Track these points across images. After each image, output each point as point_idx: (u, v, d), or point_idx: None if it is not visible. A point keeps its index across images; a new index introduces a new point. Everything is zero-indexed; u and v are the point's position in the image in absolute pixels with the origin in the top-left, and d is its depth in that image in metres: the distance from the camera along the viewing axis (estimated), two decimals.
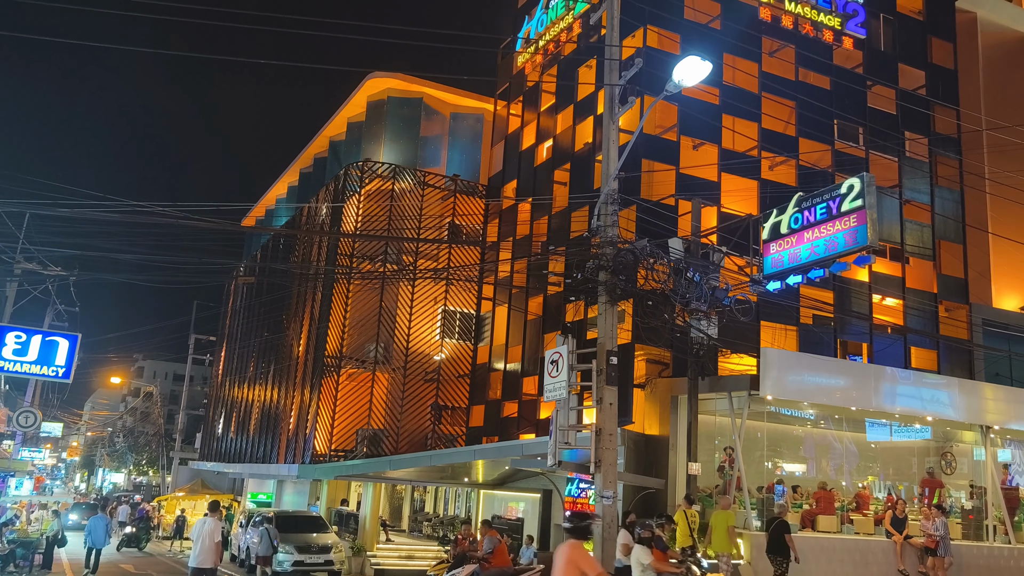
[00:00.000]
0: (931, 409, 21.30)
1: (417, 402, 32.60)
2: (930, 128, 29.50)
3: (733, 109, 25.75)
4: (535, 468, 20.84)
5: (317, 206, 39.32)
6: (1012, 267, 29.52)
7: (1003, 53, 31.90)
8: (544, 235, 28.99)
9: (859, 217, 14.07)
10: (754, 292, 17.35)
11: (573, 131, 28.30)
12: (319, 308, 34.60)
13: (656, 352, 22.71)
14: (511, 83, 33.43)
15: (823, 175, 26.29)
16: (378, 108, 37.04)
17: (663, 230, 20.36)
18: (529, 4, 32.73)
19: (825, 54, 27.81)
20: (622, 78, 14.44)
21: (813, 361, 21.10)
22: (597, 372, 13.51)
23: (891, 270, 27.59)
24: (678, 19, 25.66)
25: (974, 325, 28.17)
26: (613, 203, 14.05)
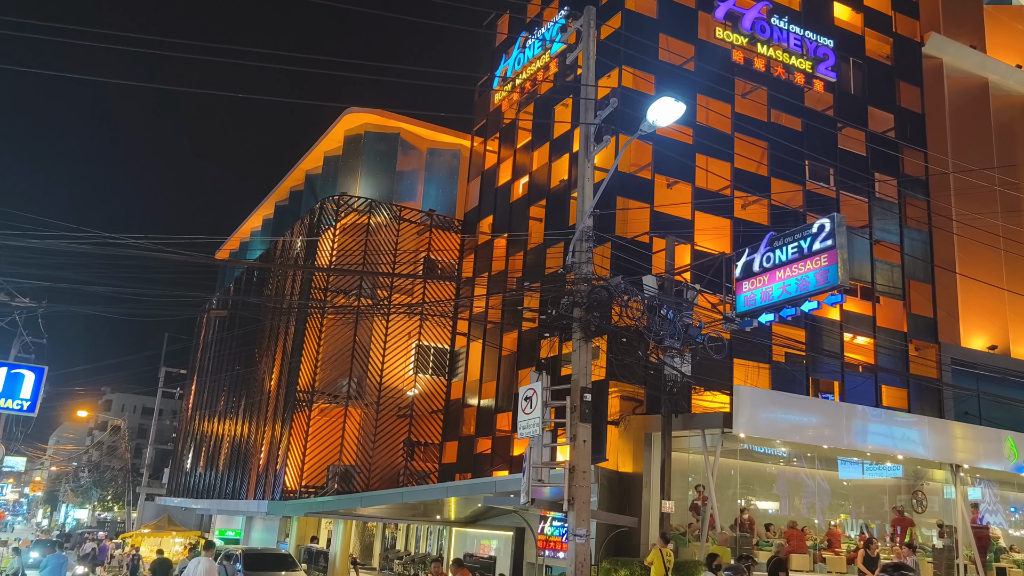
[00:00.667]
0: (902, 447, 21.44)
1: (390, 438, 32.30)
2: (899, 170, 30.06)
3: (706, 149, 26.09)
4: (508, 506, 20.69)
5: (292, 239, 39.19)
6: (979, 307, 29.97)
7: (968, 98, 32.67)
8: (519, 271, 29.06)
9: (830, 257, 14.26)
10: (727, 330, 17.48)
11: (549, 168, 28.51)
12: (292, 342, 34.33)
13: (630, 389, 22.73)
14: (488, 120, 33.70)
15: (795, 215, 26.63)
16: (355, 142, 37.16)
17: (637, 267, 20.49)
18: (507, 43, 33.12)
19: (796, 96, 28.32)
20: (597, 117, 14.62)
21: (785, 399, 21.21)
22: (571, 409, 13.48)
23: (862, 309, 27.89)
24: (653, 60, 26.05)
25: (943, 364, 28.49)
26: (588, 240, 14.13)
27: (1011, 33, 34.63)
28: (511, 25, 33.85)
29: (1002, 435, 23.71)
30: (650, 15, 26.88)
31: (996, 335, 30.12)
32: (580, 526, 12.85)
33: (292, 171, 42.83)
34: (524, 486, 14.04)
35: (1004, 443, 23.31)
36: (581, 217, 14.19)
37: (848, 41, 30.33)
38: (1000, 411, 28.20)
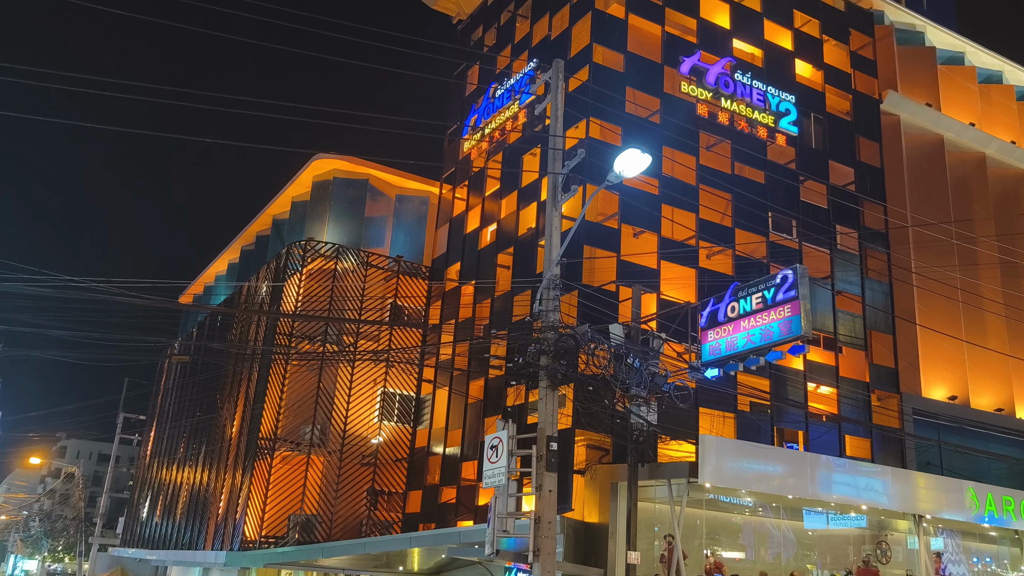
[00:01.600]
0: (866, 498, 21.54)
1: (353, 487, 31.77)
2: (859, 222, 30.68)
3: (672, 199, 26.46)
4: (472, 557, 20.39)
5: (257, 284, 38.88)
6: (939, 358, 30.43)
7: (925, 154, 33.58)
8: (487, 318, 29.04)
9: (793, 307, 14.44)
10: (693, 379, 17.57)
11: (517, 216, 28.71)
12: (255, 388, 33.84)
13: (596, 438, 22.66)
14: (457, 167, 33.94)
15: (758, 265, 27.01)
16: (323, 188, 37.16)
17: (604, 316, 20.59)
18: (476, 93, 33.53)
19: (759, 149, 28.92)
20: (565, 167, 14.80)
21: (751, 449, 21.26)
22: (537, 458, 13.40)
23: (825, 359, 28.20)
24: (620, 112, 26.51)
25: (905, 414, 28.81)
26: (555, 288, 14.21)
27: (964, 93, 35.79)
28: (481, 76, 34.33)
29: (963, 485, 23.93)
30: (617, 69, 27.41)
31: (956, 386, 30.56)
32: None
33: (259, 216, 42.65)
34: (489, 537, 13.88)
35: (965, 493, 23.52)
36: (548, 265, 14.28)
37: (809, 97, 31.13)
38: (961, 461, 28.52)
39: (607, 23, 27.80)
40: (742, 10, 30.87)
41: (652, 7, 28.88)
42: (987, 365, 31.17)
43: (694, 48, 28.68)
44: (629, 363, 15.78)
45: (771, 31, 31.25)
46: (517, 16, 32.80)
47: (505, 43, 33.18)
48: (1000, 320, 31.97)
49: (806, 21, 32.35)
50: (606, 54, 27.55)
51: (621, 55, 27.61)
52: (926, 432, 29.16)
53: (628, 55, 27.68)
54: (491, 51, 33.90)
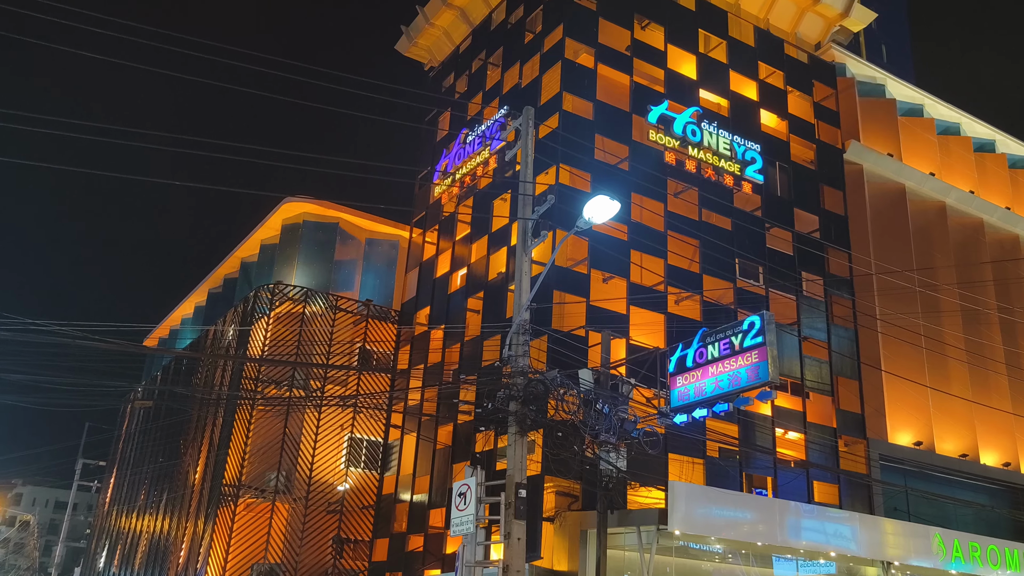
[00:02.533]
0: (834, 544, 21.54)
1: (318, 534, 31.16)
2: (825, 269, 31.12)
3: (641, 245, 26.70)
4: None
5: (224, 328, 38.44)
6: (904, 404, 30.73)
7: (887, 203, 34.27)
8: (456, 363, 28.90)
9: (760, 353, 14.55)
10: (662, 424, 17.55)
11: (487, 261, 28.76)
12: (219, 434, 33.27)
13: (566, 484, 22.50)
14: (427, 212, 34.03)
15: (726, 311, 27.23)
16: (293, 231, 37.03)
17: (573, 361, 20.58)
18: (447, 138, 33.80)
19: (726, 197, 29.34)
20: (535, 212, 14.90)
21: (720, 495, 21.23)
22: (506, 505, 13.25)
23: (792, 404, 28.35)
24: (589, 159, 26.82)
25: (872, 460, 28.96)
26: (524, 333, 14.19)
27: (923, 143, 36.71)
28: (452, 122, 34.64)
29: (930, 531, 24.05)
30: (586, 116, 27.80)
31: (921, 432, 30.84)
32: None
33: (227, 258, 42.35)
34: None
35: (933, 539, 23.62)
36: (518, 310, 14.28)
37: (774, 146, 31.75)
38: (928, 507, 28.67)
39: (576, 72, 28.26)
40: (708, 61, 31.56)
41: (621, 57, 29.43)
42: (951, 411, 31.52)
43: (662, 98, 29.20)
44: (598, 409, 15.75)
45: (736, 82, 31.94)
46: (488, 64, 33.26)
47: (476, 90, 33.56)
48: (963, 367, 32.42)
49: (770, 73, 33.13)
50: (576, 102, 27.95)
51: (590, 103, 28.02)
52: (893, 478, 29.31)
53: (597, 103, 28.10)
54: (462, 98, 34.26)
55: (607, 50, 29.17)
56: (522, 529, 13.12)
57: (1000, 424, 32.82)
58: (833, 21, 35.91)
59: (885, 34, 52.99)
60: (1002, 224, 37.55)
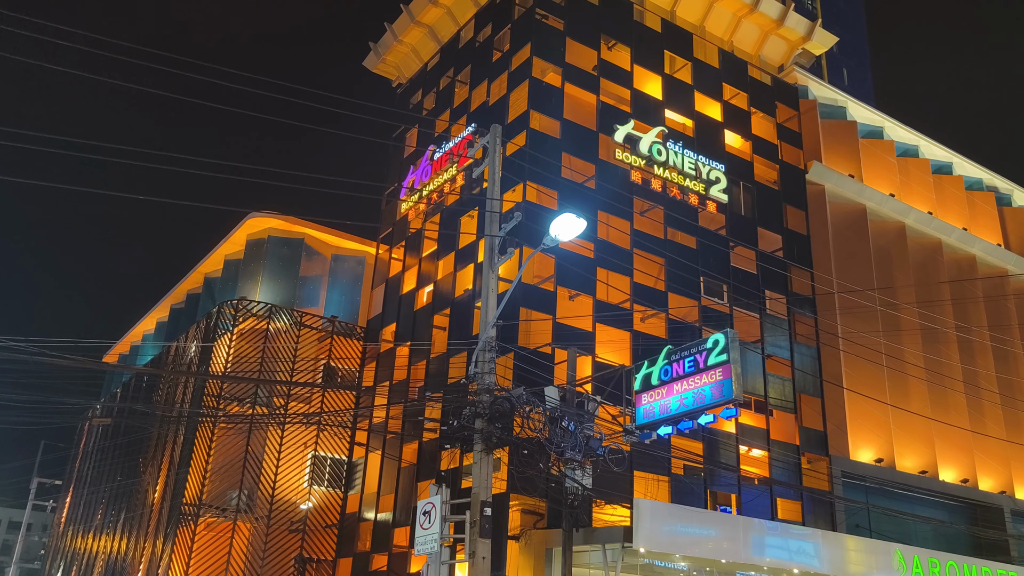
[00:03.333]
0: (798, 561, 21.68)
1: (280, 554, 30.71)
2: (788, 288, 31.50)
3: (607, 263, 26.84)
4: None
5: (186, 344, 37.91)
6: (866, 421, 31.12)
7: (848, 223, 34.83)
8: (422, 380, 28.76)
9: (724, 371, 14.67)
10: (627, 442, 17.60)
11: (454, 277, 28.73)
12: (180, 452, 32.73)
13: (531, 502, 22.44)
14: (394, 228, 33.93)
15: (691, 329, 27.44)
16: (258, 247, 36.70)
17: (539, 378, 20.59)
18: (415, 155, 33.78)
19: (691, 216, 29.63)
20: (502, 230, 14.92)
21: (685, 512, 21.29)
22: (471, 524, 13.18)
23: (756, 422, 28.58)
24: (556, 177, 26.95)
25: (834, 477, 29.24)
26: (491, 350, 14.17)
27: (883, 165, 37.41)
28: (420, 138, 34.64)
29: (891, 548, 24.31)
30: (554, 135, 27.96)
31: (882, 449, 31.23)
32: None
33: (190, 274, 41.84)
34: None
35: (893, 556, 23.88)
36: (485, 327, 14.26)
37: (738, 166, 32.16)
38: (888, 524, 28.99)
39: (544, 91, 28.43)
40: (674, 82, 31.93)
41: (587, 77, 29.67)
42: (911, 428, 31.97)
43: (628, 117, 29.47)
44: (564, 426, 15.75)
45: (701, 103, 32.35)
46: (456, 82, 33.35)
47: (444, 107, 33.63)
48: (922, 384, 32.93)
49: (735, 94, 33.60)
50: (543, 120, 28.11)
51: (557, 122, 28.20)
52: (855, 495, 29.62)
53: (564, 122, 28.28)
54: (430, 115, 34.30)
55: (574, 70, 29.41)
56: (487, 548, 13.05)
57: (958, 441, 33.35)
58: (796, 44, 36.55)
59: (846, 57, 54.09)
60: (959, 244, 38.32)
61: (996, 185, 42.92)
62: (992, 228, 41.02)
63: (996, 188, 42.87)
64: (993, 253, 39.47)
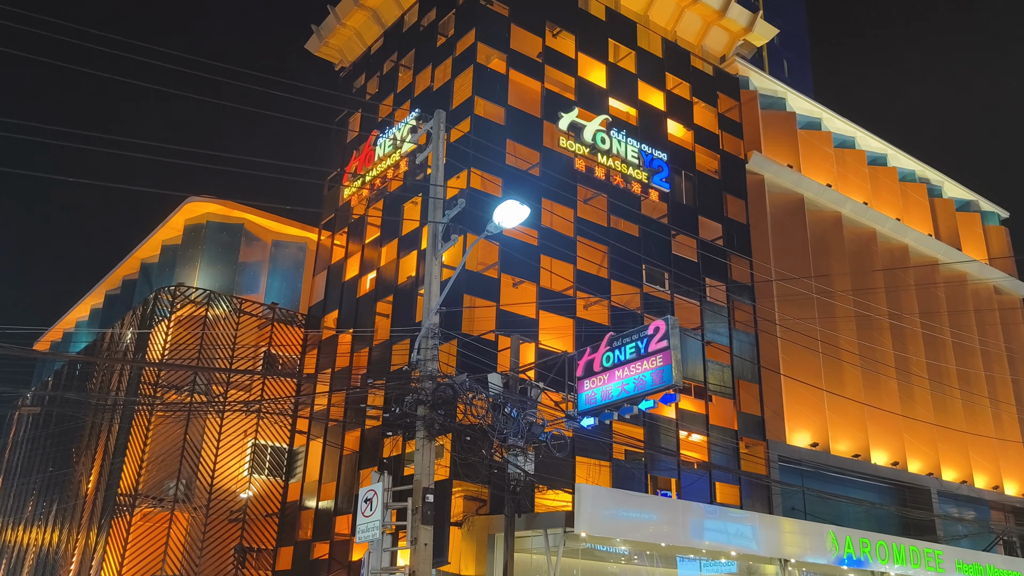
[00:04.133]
0: (736, 543, 22.13)
1: (219, 544, 30.25)
2: (727, 276, 32.02)
3: (551, 251, 26.93)
4: None
5: (121, 331, 36.98)
6: (802, 406, 31.86)
7: (787, 212, 35.52)
8: (364, 367, 28.55)
9: (665, 357, 14.84)
10: (569, 428, 17.73)
11: (397, 264, 28.54)
12: (115, 441, 31.96)
13: (474, 488, 22.47)
14: (336, 214, 33.54)
15: (633, 316, 27.73)
16: (196, 232, 35.93)
17: (483, 365, 20.60)
18: (357, 140, 33.39)
19: (634, 204, 29.89)
20: (446, 216, 14.85)
21: (626, 497, 21.55)
22: (413, 510, 13.15)
23: (696, 407, 29.04)
24: (500, 164, 26.91)
25: (771, 461, 29.91)
26: (434, 337, 14.12)
27: (821, 156, 38.21)
28: (363, 123, 34.25)
29: (825, 529, 24.97)
30: (498, 122, 27.89)
31: (817, 433, 32.01)
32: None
33: (126, 259, 40.79)
34: None
35: (827, 536, 24.54)
36: (428, 314, 14.20)
37: (681, 155, 32.52)
38: (823, 506, 29.79)
39: (488, 77, 28.32)
40: (617, 71, 32.10)
41: (532, 64, 29.65)
42: (845, 413, 32.83)
43: (572, 105, 29.54)
44: (507, 413, 15.80)
45: (645, 92, 32.59)
46: (400, 66, 33.03)
47: (387, 92, 33.29)
48: (856, 370, 33.82)
49: (677, 84, 33.92)
50: (487, 107, 28.02)
51: (502, 108, 28.14)
52: (791, 478, 30.34)
53: (509, 109, 28.23)
54: (373, 99, 33.93)
55: (519, 56, 29.36)
56: (429, 534, 13.03)
57: (889, 425, 34.36)
58: (737, 35, 37.04)
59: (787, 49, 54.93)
60: (893, 234, 39.38)
61: (928, 177, 44.18)
62: (923, 218, 42.25)
63: (928, 180, 44.12)
64: (924, 243, 40.67)
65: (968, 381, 38.77)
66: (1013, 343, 43.00)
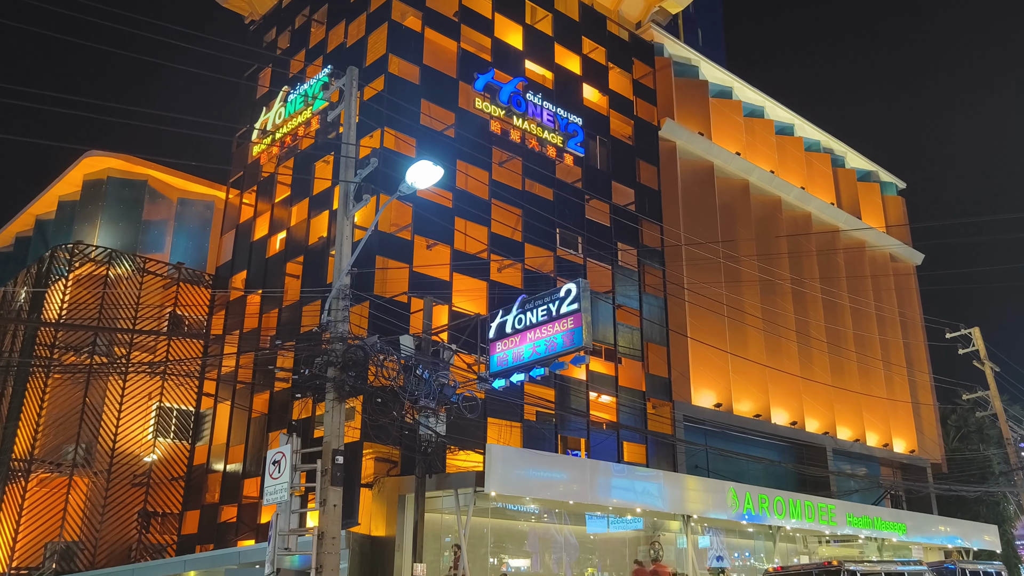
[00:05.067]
0: (642, 501, 22.78)
1: (121, 509, 29.50)
2: (639, 241, 32.56)
3: (465, 213, 26.85)
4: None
5: (15, 290, 35.32)
6: (707, 369, 32.83)
7: (697, 179, 36.25)
8: (273, 329, 28.06)
9: (575, 320, 15.05)
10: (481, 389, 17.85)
11: (308, 224, 28.01)
12: (8, 404, 30.68)
13: (385, 450, 22.47)
14: (245, 172, 32.63)
15: (546, 279, 27.96)
16: (96, 188, 34.45)
17: (395, 327, 20.47)
18: (268, 96, 32.44)
19: (549, 168, 30.00)
20: (358, 176, 14.61)
21: (536, 457, 21.88)
22: (322, 472, 13.06)
23: (606, 369, 29.61)
24: (414, 124, 26.58)
25: (677, 421, 30.81)
26: (345, 298, 13.95)
27: (731, 124, 39.02)
28: (273, 79, 33.26)
29: (726, 486, 25.92)
30: (413, 81, 27.49)
31: (721, 394, 33.07)
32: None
33: (20, 215, 38.87)
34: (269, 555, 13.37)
35: (727, 493, 25.48)
36: (339, 275, 14.01)
37: (595, 120, 32.72)
38: (725, 464, 30.90)
39: (403, 35, 27.84)
40: (534, 33, 31.97)
41: (448, 23, 29.25)
42: (748, 375, 34.00)
43: (488, 66, 29.32)
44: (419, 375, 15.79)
45: (561, 55, 32.57)
46: (312, 21, 32.12)
47: (299, 47, 32.37)
48: (759, 333, 35.00)
49: (593, 48, 34.01)
50: (402, 65, 27.57)
51: (417, 67, 27.73)
52: (695, 437, 31.33)
53: (424, 68, 27.85)
54: (284, 54, 32.95)
55: (434, 14, 28.91)
56: (338, 496, 12.99)
57: (789, 387, 35.77)
58: (653, 2, 37.28)
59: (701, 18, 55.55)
60: (797, 203, 40.65)
61: (832, 147, 45.67)
62: (827, 188, 43.72)
63: (832, 150, 45.61)
64: (826, 211, 42.14)
65: (863, 344, 40.60)
66: (906, 308, 45.16)
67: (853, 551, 32.15)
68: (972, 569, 26.63)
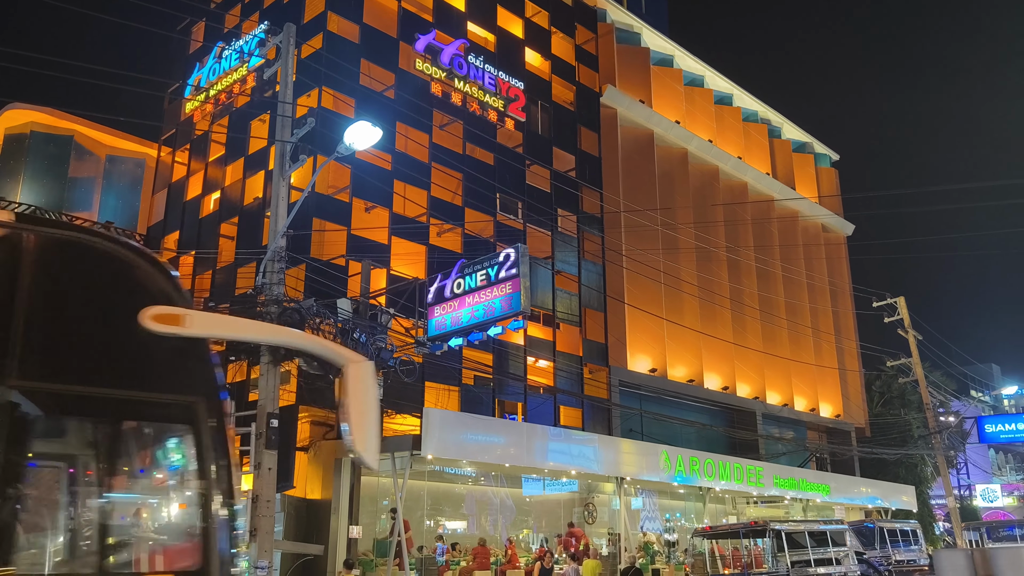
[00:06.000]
0: (577, 464, 23.15)
1: None
2: (578, 207, 32.70)
3: (405, 176, 26.58)
4: None
5: None
6: (643, 335, 33.32)
7: (637, 147, 36.46)
8: (207, 291, 27.50)
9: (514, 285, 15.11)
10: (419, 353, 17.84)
11: (243, 184, 27.42)
12: None
13: (321, 414, 22.34)
14: (178, 129, 31.71)
15: (486, 244, 27.92)
16: (18, 142, 33.16)
17: (333, 290, 20.26)
18: (201, 51, 31.48)
19: (490, 132, 29.83)
20: (294, 135, 14.33)
21: (473, 421, 22.03)
22: (256, 435, 12.96)
23: (544, 334, 29.83)
24: (353, 84, 26.12)
25: (612, 386, 31.26)
26: (280, 260, 13.74)
27: (672, 93, 39.25)
28: (207, 34, 32.27)
29: (658, 449, 26.50)
30: (352, 39, 26.96)
31: (656, 359, 33.64)
32: (262, 558, 12.34)
33: None
34: None
35: (660, 456, 26.06)
36: (274, 236, 13.78)
37: (537, 85, 32.58)
38: (658, 427, 31.52)
39: None
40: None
41: None
42: (683, 341, 34.61)
43: (430, 27, 28.90)
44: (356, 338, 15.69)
45: (504, 18, 32.27)
46: None
47: (235, 2, 31.42)
48: (695, 300, 35.60)
49: (536, 12, 33.76)
50: (341, 23, 26.99)
51: (357, 26, 27.19)
52: (630, 402, 31.87)
53: (364, 27, 27.31)
54: (219, 8, 31.94)
55: None
56: (273, 459, 12.90)
57: (722, 353, 36.54)
58: None
59: None
60: (734, 172, 41.24)
61: (769, 118, 46.33)
62: (763, 158, 44.42)
63: (769, 121, 46.28)
64: (762, 181, 42.86)
65: (794, 312, 41.64)
66: (836, 278, 46.40)
67: (779, 511, 33.26)
68: (890, 528, 27.83)
